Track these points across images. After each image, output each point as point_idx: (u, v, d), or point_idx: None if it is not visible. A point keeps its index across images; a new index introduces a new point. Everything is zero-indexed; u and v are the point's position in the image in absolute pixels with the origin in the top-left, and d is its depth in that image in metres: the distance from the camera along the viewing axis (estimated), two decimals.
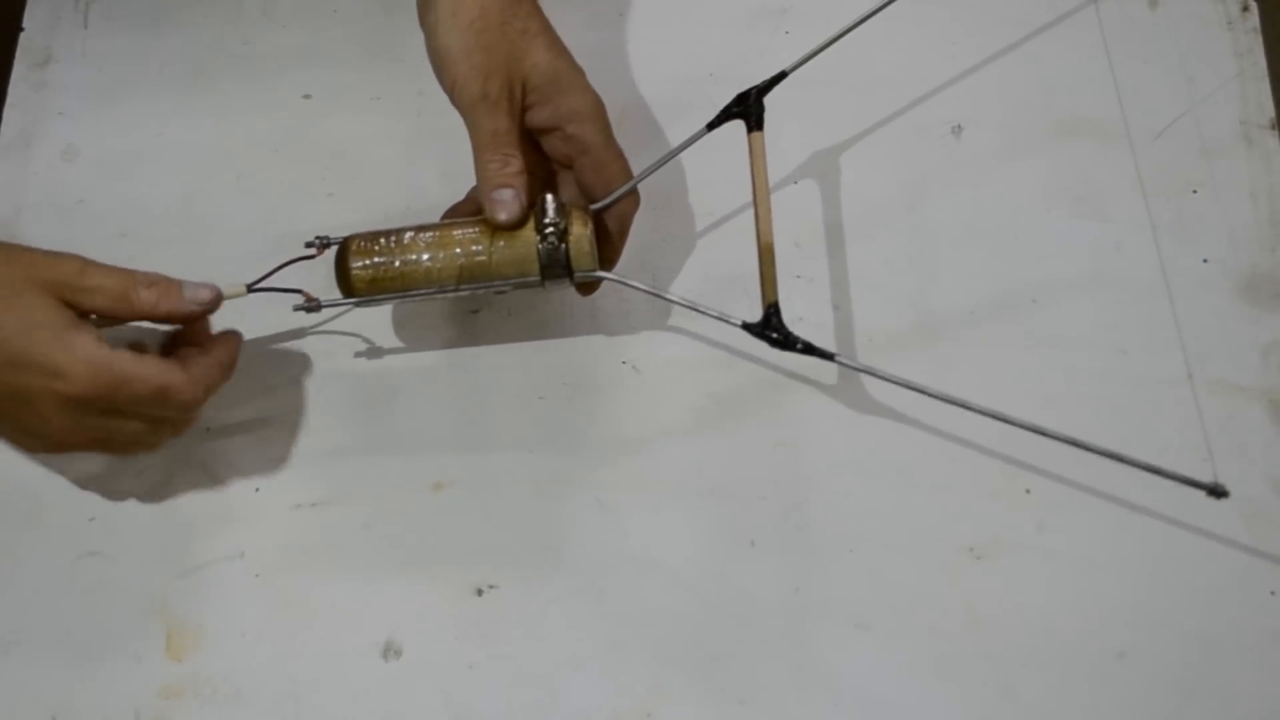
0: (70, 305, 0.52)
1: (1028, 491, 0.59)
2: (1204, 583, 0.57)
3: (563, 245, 0.57)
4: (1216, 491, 0.53)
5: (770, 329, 0.56)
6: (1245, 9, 0.70)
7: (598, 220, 0.59)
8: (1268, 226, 0.65)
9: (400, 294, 0.58)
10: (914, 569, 0.58)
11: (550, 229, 0.57)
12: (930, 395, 0.55)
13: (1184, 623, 0.57)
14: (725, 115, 0.59)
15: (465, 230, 0.58)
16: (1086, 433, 0.60)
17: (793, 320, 0.63)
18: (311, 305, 0.59)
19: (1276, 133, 0.67)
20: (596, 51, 0.69)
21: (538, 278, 0.58)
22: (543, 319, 0.64)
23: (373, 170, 0.68)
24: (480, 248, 0.57)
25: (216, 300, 0.56)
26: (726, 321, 0.57)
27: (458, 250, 0.58)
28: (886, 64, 0.70)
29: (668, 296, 0.59)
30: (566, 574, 0.59)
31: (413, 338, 0.64)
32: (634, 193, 0.60)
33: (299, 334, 0.64)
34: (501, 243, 0.57)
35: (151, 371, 0.53)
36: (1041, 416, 0.60)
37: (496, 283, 0.58)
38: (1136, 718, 0.55)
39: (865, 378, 0.62)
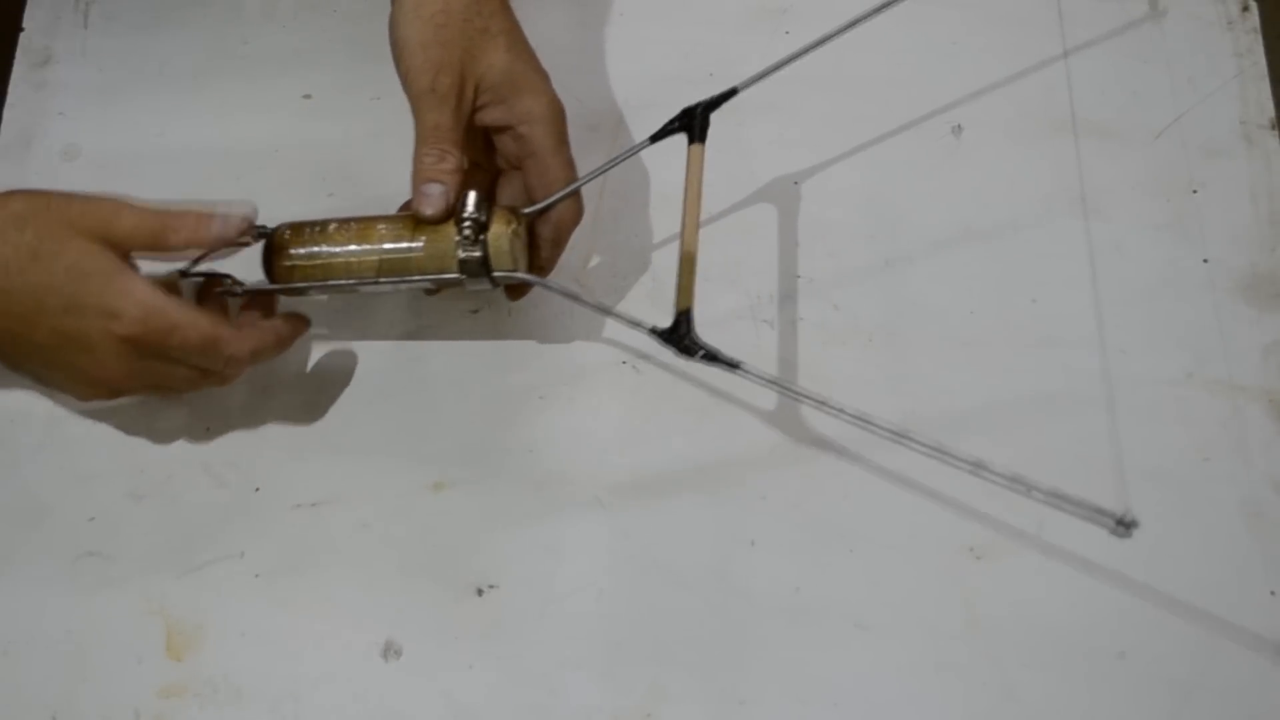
0: (113, 248, 0.53)
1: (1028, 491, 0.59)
2: (1204, 583, 0.57)
3: (480, 243, 0.56)
4: (1124, 523, 0.48)
5: (676, 335, 0.55)
6: (1245, 9, 0.70)
7: (532, 227, 0.59)
8: (1268, 226, 0.65)
9: (320, 284, 0.58)
10: (914, 569, 0.58)
11: (468, 226, 0.56)
12: (848, 419, 0.53)
13: (1184, 623, 0.57)
14: (667, 130, 0.59)
15: (389, 225, 0.58)
16: (1086, 432, 0.60)
17: (793, 320, 0.64)
18: (232, 290, 0.59)
19: (1276, 133, 0.67)
20: (596, 50, 0.70)
21: (458, 275, 0.57)
22: (543, 319, 0.64)
23: (373, 170, 0.68)
24: (402, 243, 0.57)
25: (248, 225, 0.56)
26: (637, 327, 0.56)
27: (378, 244, 0.57)
28: (887, 64, 0.70)
29: (585, 301, 0.58)
30: (566, 574, 0.59)
31: (413, 338, 0.64)
32: (576, 206, 0.60)
33: (300, 335, 0.64)
34: (423, 239, 0.57)
35: (203, 321, 0.54)
36: (1041, 416, 0.61)
37: (415, 278, 0.58)
38: (1136, 718, 0.55)
39: (863, 376, 0.62)
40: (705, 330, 0.64)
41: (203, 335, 0.54)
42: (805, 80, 0.59)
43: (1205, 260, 0.64)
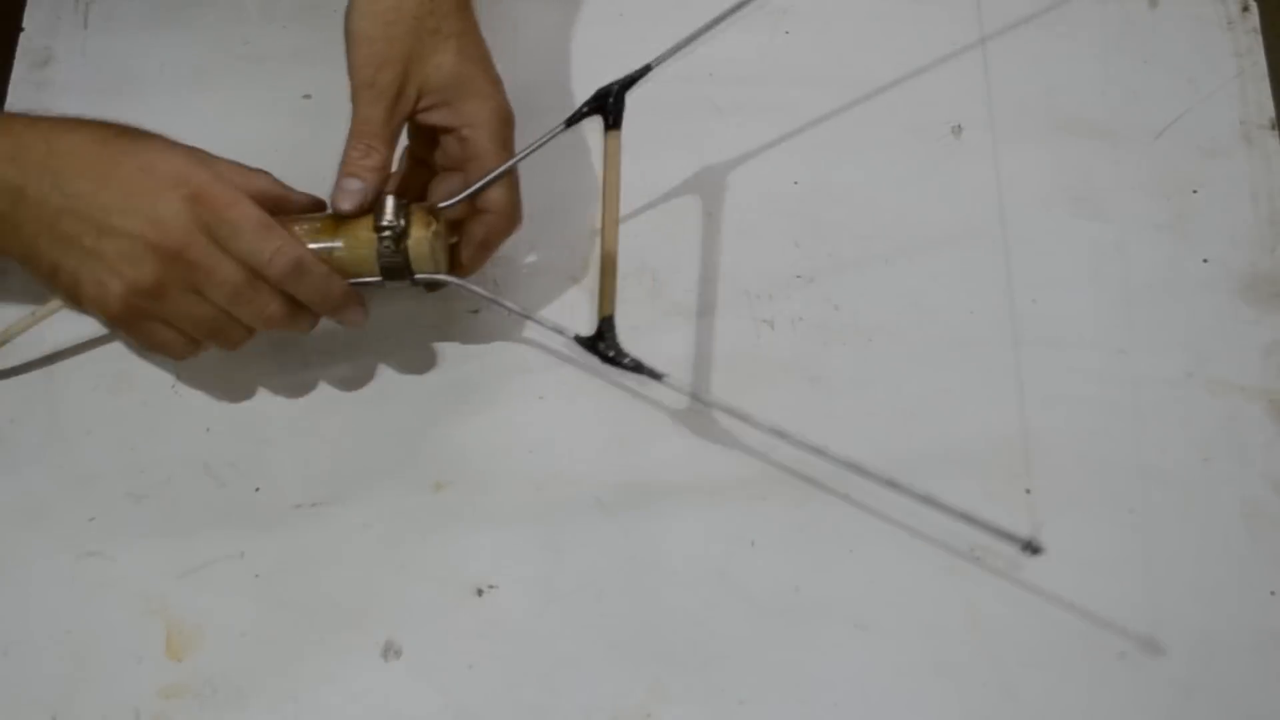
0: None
1: (1028, 491, 0.59)
2: (1204, 583, 0.57)
3: (401, 247, 0.56)
4: (1031, 548, 0.51)
5: (602, 343, 0.54)
6: (1245, 9, 0.70)
7: (462, 224, 0.59)
8: (1268, 226, 0.65)
9: None
10: (914, 569, 0.58)
11: (387, 231, 0.56)
12: (787, 440, 0.54)
13: (1184, 623, 0.57)
14: (581, 113, 0.58)
15: (309, 225, 0.57)
16: (1087, 433, 0.60)
17: (792, 320, 0.64)
18: None
19: (1276, 133, 0.67)
20: (595, 50, 0.69)
21: (378, 278, 0.57)
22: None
23: None
24: (321, 244, 0.56)
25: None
26: (560, 334, 0.55)
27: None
28: (886, 64, 0.70)
29: (505, 304, 0.58)
30: (566, 574, 0.59)
31: (412, 338, 0.64)
32: (512, 213, 0.59)
33: (298, 336, 0.64)
34: (341, 240, 0.56)
35: (263, 210, 0.55)
36: (1042, 416, 0.61)
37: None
38: (1136, 718, 0.55)
39: (863, 376, 0.62)
40: (705, 329, 0.64)
41: (262, 216, 0.54)
42: (805, 81, 0.59)
43: (1205, 260, 0.64)
